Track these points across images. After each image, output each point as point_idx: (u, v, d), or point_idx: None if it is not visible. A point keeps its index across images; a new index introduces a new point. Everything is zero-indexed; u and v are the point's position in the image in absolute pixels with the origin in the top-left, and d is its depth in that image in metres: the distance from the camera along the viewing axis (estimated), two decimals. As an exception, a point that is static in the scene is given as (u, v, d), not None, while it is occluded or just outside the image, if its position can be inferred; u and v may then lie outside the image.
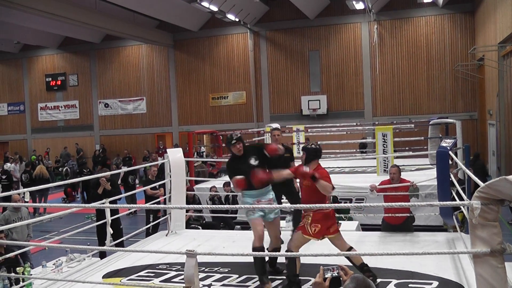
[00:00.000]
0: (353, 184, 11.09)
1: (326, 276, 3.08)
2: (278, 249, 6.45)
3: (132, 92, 28.89)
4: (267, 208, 6.11)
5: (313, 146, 6.09)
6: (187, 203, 10.40)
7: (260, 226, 6.11)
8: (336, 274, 3.07)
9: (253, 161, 6.29)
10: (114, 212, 8.97)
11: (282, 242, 6.78)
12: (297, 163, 6.63)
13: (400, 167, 8.89)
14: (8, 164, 23.80)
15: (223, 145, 18.52)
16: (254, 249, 5.99)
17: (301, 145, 18.15)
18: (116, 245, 8.80)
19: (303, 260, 6.24)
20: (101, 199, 8.86)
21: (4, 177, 19.39)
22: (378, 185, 8.61)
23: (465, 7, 22.96)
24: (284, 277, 6.22)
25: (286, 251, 5.99)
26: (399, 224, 8.33)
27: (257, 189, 6.21)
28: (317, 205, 4.91)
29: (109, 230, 7.49)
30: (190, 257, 4.64)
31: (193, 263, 4.60)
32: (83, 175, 18.27)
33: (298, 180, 7.13)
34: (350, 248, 5.82)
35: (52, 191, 20.45)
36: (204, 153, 22.46)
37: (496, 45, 17.04)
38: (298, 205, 6.03)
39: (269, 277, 6.17)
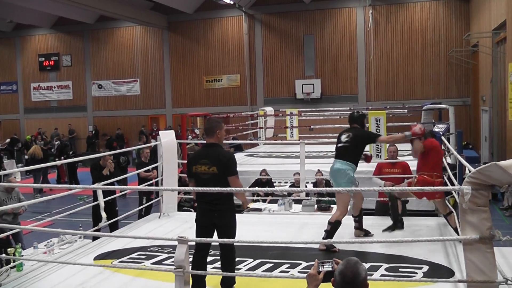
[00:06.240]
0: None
1: (320, 269, 3.12)
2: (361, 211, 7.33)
3: (126, 73, 28.74)
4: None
5: None
6: (181, 185, 10.40)
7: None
8: (331, 268, 3.10)
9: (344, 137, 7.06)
10: (111, 193, 8.99)
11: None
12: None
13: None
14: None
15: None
16: (338, 222, 6.83)
17: (294, 129, 18.34)
18: (111, 225, 8.83)
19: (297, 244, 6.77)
20: (104, 180, 8.83)
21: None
22: (377, 167, 8.91)
23: (460, -7, 22.89)
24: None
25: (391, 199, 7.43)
26: None
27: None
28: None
29: (103, 214, 7.43)
30: (182, 243, 4.67)
31: (184, 249, 4.64)
32: (68, 158, 18.16)
33: None
34: (451, 212, 7.01)
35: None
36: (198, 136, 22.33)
37: (490, 31, 17.04)
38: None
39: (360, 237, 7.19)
